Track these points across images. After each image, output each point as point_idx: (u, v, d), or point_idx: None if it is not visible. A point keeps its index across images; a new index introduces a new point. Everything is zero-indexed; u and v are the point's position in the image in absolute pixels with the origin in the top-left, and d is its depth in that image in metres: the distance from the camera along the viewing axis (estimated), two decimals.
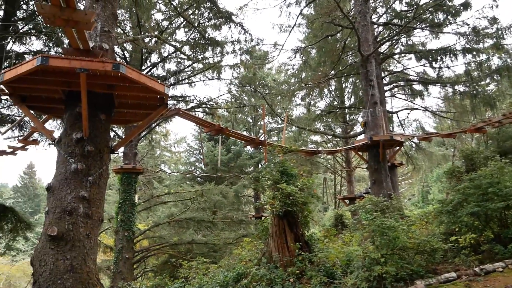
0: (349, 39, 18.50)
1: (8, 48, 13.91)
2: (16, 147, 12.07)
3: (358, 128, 22.74)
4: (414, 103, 20.35)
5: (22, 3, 14.08)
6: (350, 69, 19.65)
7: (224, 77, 17.85)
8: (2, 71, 5.58)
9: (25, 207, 43.46)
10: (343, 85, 23.99)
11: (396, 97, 20.94)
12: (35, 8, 13.69)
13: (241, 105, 21.00)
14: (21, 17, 14.37)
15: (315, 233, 10.55)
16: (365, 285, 5.90)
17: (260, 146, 12.95)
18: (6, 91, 6.11)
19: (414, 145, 21.33)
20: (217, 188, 18.78)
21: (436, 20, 16.58)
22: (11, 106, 14.65)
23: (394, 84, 20.10)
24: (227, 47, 15.65)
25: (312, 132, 22.93)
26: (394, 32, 17.68)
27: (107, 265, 18.36)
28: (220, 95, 29.78)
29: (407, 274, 5.97)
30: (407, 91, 20.57)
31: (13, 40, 14.04)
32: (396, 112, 20.29)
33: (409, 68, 19.95)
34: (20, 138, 12.63)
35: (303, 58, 19.71)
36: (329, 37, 18.01)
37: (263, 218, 18.81)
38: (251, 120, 29.43)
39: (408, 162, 22.09)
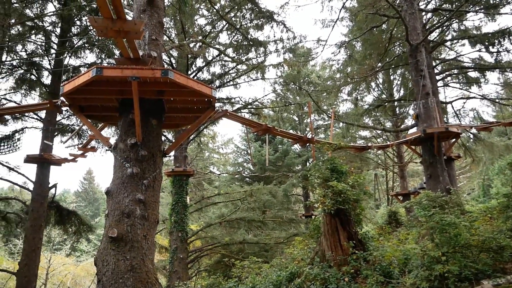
0: (395, 29, 17.78)
1: (65, 62, 14.89)
2: (76, 154, 12.85)
3: (409, 121, 21.80)
4: (470, 92, 19.16)
5: (76, 19, 14.99)
6: (398, 60, 18.89)
7: (268, 77, 17.85)
8: (62, 84, 5.95)
9: (86, 210, 46.23)
10: (391, 77, 23.12)
11: (449, 86, 19.83)
12: (89, 23, 14.56)
13: (287, 104, 20.90)
14: (75, 33, 15.30)
15: (369, 231, 10.25)
16: (426, 285, 5.61)
17: (308, 144, 12.77)
18: (66, 102, 6.51)
19: (472, 136, 20.06)
20: (266, 187, 18.85)
21: (491, 1, 15.48)
22: (70, 117, 15.66)
23: (447, 73, 19.03)
24: (270, 46, 15.67)
25: (361, 128, 22.32)
26: (445, 18, 16.74)
27: (163, 265, 19.07)
28: (265, 95, 29.99)
29: (471, 274, 5.60)
30: (461, 79, 19.39)
31: (70, 54, 14.99)
32: (451, 102, 19.21)
33: (463, 55, 18.89)
34: (79, 146, 13.46)
35: (348, 52, 19.25)
36: (375, 29, 17.41)
37: (313, 216, 18.62)
38: (297, 119, 29.23)
39: (466, 155, 20.79)
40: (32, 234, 13.28)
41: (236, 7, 14.90)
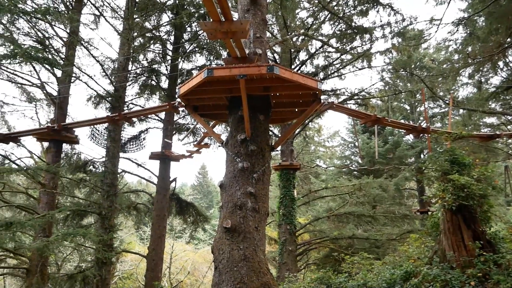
0: None
1: (179, 66, 16.29)
2: (192, 151, 13.98)
3: None
4: None
5: (187, 26, 16.25)
6: None
7: (375, 65, 17.02)
8: (178, 86, 6.51)
9: (202, 202, 49.95)
10: None
11: None
12: (198, 28, 15.68)
13: (396, 92, 19.60)
14: (186, 39, 16.61)
15: (499, 230, 9.05)
16: None
17: (422, 134, 11.79)
18: (182, 103, 7.10)
19: None
20: (375, 181, 18.05)
21: None
22: (185, 116, 17.10)
23: None
24: (376, 32, 14.81)
25: (486, 114, 19.74)
26: None
27: (272, 256, 19.64)
28: (372, 84, 28.56)
29: None
30: None
31: (183, 59, 16.35)
32: None
33: None
34: (194, 143, 14.63)
35: (468, 29, 17.11)
36: None
37: (429, 212, 17.18)
38: (408, 107, 27.25)
39: None
40: (157, 222, 14.90)
41: None
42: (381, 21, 14.83)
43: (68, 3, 13.58)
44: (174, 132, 16.55)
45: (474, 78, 19.65)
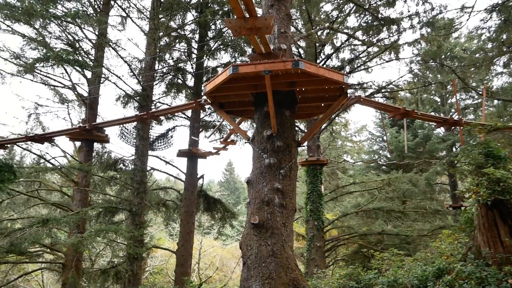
0: None
1: (204, 64, 16.44)
2: (219, 148, 14.09)
3: None
4: None
5: (211, 24, 16.35)
6: None
7: (403, 57, 16.49)
8: (203, 84, 6.57)
9: (229, 199, 50.37)
10: None
11: None
12: (223, 25, 15.75)
13: (426, 84, 19.01)
14: (211, 36, 16.71)
15: None
16: None
17: (454, 127, 11.40)
18: (208, 100, 7.16)
19: None
20: (405, 176, 17.61)
21: None
22: (211, 114, 17.24)
23: None
24: (404, 23, 14.41)
25: None
26: None
27: (300, 252, 19.59)
28: (400, 77, 27.78)
29: None
30: None
31: (208, 57, 16.48)
32: None
33: None
34: (221, 140, 14.73)
35: (502, 16, 16.36)
36: None
37: (463, 208, 16.64)
38: (439, 99, 26.42)
39: None
40: (186, 218, 15.15)
41: None
42: (408, 11, 14.45)
43: (96, 6, 13.96)
44: (200, 129, 16.73)
45: (510, 67, 18.80)
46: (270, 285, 5.48)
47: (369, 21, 14.83)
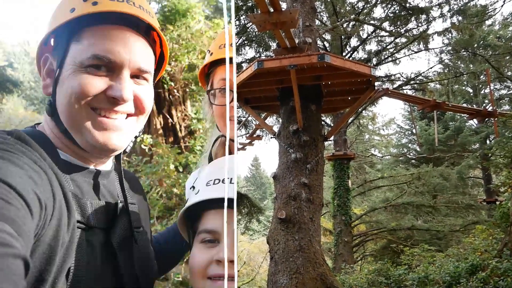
0: None
1: None
2: (245, 143, 14.18)
3: None
4: None
5: (235, 20, 16.38)
6: None
7: (432, 47, 15.99)
8: None
9: (255, 194, 50.58)
10: None
11: None
12: (247, 20, 15.76)
13: (458, 75, 18.39)
14: (235, 32, 16.75)
15: None
16: None
17: (488, 119, 11.01)
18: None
19: None
20: (436, 170, 17.17)
21: None
22: (237, 109, 17.33)
23: None
24: (433, 12, 13.97)
25: None
26: None
27: (328, 247, 19.48)
28: (430, 67, 26.90)
29: None
30: None
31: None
32: None
33: None
34: (247, 135, 14.81)
35: None
36: None
37: (498, 202, 16.06)
38: (471, 90, 25.48)
39: None
40: None
41: None
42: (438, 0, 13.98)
43: None
44: None
45: None
46: (297, 280, 5.50)
47: (397, 11, 14.46)
